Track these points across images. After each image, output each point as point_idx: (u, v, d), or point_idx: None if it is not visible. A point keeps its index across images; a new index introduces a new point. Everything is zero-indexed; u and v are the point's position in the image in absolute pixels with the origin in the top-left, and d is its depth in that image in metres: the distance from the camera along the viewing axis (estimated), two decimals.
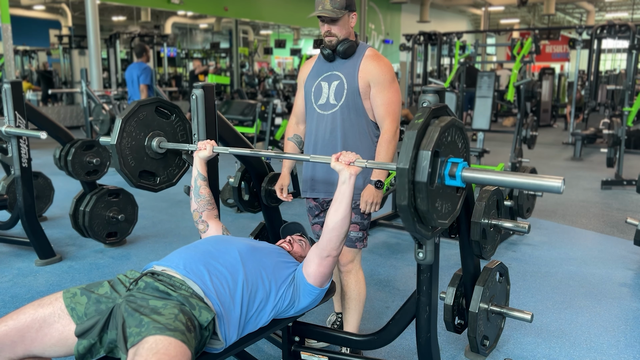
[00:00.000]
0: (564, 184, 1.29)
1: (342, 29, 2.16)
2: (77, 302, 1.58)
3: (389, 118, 2.17)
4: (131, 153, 2.14)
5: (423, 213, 1.40)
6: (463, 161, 1.43)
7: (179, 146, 2.20)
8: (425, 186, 1.36)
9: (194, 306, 1.57)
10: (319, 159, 1.83)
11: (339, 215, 1.75)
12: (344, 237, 1.79)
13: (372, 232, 4.35)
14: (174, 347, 1.40)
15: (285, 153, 2.04)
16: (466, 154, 1.54)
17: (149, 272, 1.69)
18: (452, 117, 1.47)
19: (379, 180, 2.16)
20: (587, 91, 8.79)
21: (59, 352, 1.56)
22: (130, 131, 2.12)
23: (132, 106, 2.14)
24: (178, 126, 2.31)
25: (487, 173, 1.41)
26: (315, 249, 1.84)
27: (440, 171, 1.41)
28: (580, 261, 3.73)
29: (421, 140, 1.39)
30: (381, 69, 2.16)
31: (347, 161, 1.72)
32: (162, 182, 2.28)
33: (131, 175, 2.14)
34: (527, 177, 1.35)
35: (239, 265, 1.76)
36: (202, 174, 2.09)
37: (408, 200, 1.37)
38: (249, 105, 7.32)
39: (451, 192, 1.51)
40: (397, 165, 1.37)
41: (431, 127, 1.42)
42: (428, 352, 1.92)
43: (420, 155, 1.37)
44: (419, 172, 1.36)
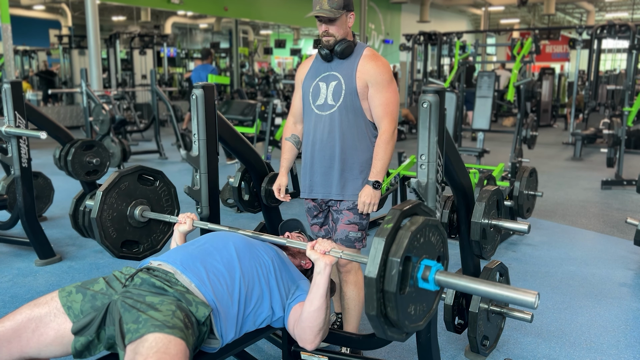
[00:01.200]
0: (538, 298, 1.21)
1: (339, 28, 2.16)
2: (72, 300, 1.58)
3: (387, 118, 2.17)
4: (112, 224, 2.09)
5: (394, 321, 1.32)
6: (437, 263, 1.35)
7: (161, 217, 2.17)
8: (394, 296, 1.28)
9: (190, 302, 1.57)
10: (294, 244, 1.78)
11: (313, 307, 1.68)
12: (318, 330, 1.71)
13: (372, 232, 4.35)
14: (173, 345, 1.40)
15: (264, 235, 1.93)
16: (443, 249, 1.45)
17: (145, 268, 1.69)
18: (426, 217, 1.38)
19: (377, 181, 2.16)
20: (587, 91, 8.79)
21: (55, 351, 1.56)
22: (111, 203, 2.08)
23: (113, 177, 2.09)
24: (162, 191, 2.27)
25: (462, 279, 1.31)
26: (295, 326, 1.76)
27: (413, 274, 1.33)
28: (580, 261, 3.73)
29: (390, 246, 1.30)
30: (379, 69, 2.16)
31: (322, 250, 1.67)
32: (145, 250, 2.24)
33: (113, 247, 2.10)
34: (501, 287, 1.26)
35: (235, 262, 1.75)
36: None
37: (377, 310, 1.29)
38: (249, 105, 7.32)
39: (426, 293, 1.41)
40: (365, 273, 1.29)
41: (402, 231, 1.33)
42: (428, 352, 1.92)
43: (389, 263, 1.29)
44: (388, 280, 1.28)
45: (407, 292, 1.33)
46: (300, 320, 1.72)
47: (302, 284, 1.87)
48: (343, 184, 2.23)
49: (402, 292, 1.31)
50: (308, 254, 1.70)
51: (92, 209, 2.05)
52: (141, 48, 12.78)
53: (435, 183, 1.85)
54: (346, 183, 2.23)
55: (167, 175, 2.33)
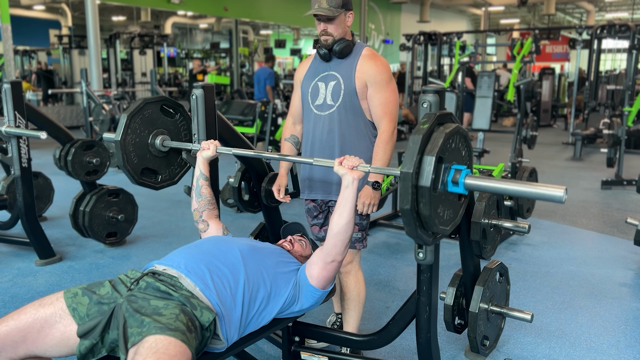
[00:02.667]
0: (566, 193, 1.28)
1: (338, 28, 2.15)
2: (78, 302, 1.58)
3: (387, 118, 2.17)
4: (134, 150, 2.13)
5: (425, 218, 1.39)
6: (466, 168, 1.43)
7: (182, 145, 2.21)
8: (428, 191, 1.35)
9: (195, 306, 1.57)
10: (322, 162, 1.82)
11: (343, 220, 1.74)
12: (348, 242, 1.78)
13: (372, 232, 4.35)
14: (173, 347, 1.40)
15: (286, 155, 2.04)
16: (469, 161, 1.54)
17: (150, 272, 1.69)
18: (457, 125, 1.47)
19: (377, 182, 2.15)
20: (587, 91, 8.79)
21: (61, 352, 1.56)
22: (134, 128, 2.12)
23: (138, 103, 2.13)
24: (182, 125, 2.31)
25: (491, 181, 1.40)
26: (319, 252, 1.84)
27: (444, 177, 1.41)
28: (580, 261, 3.73)
29: (426, 145, 1.38)
30: (378, 69, 2.15)
31: (350, 165, 1.71)
32: (163, 181, 2.28)
33: (133, 172, 2.14)
34: (530, 185, 1.35)
35: (240, 264, 1.76)
36: (205, 174, 2.09)
37: (411, 205, 1.36)
38: (249, 105, 7.32)
39: (453, 199, 1.50)
40: (401, 169, 1.36)
41: (436, 133, 1.41)
42: (428, 352, 1.92)
43: (425, 160, 1.36)
44: (423, 176, 1.36)
45: (438, 192, 1.41)
46: (330, 237, 1.77)
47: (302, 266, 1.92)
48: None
49: (435, 191, 1.38)
50: (336, 170, 1.74)
51: (117, 132, 2.08)
52: (141, 48, 12.78)
53: None
54: None
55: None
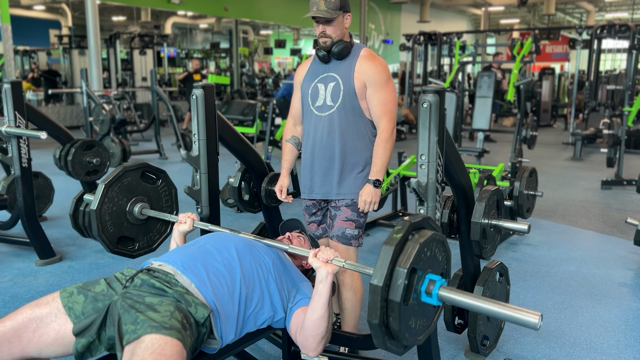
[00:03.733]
0: (541, 319, 1.21)
1: (336, 29, 2.16)
2: (74, 301, 1.58)
3: (386, 117, 2.17)
4: (111, 219, 2.09)
5: (395, 332, 1.33)
6: (441, 278, 1.36)
7: (160, 215, 2.17)
8: (398, 306, 1.28)
9: (189, 303, 1.57)
10: (296, 250, 1.78)
11: (316, 315, 1.66)
12: (321, 339, 1.69)
13: (372, 232, 4.35)
14: (170, 346, 1.40)
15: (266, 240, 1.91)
16: (446, 266, 1.46)
17: (145, 269, 1.69)
18: (433, 232, 1.39)
19: (378, 180, 2.16)
20: (587, 91, 8.79)
21: (56, 351, 1.56)
22: (112, 197, 2.07)
23: (117, 171, 2.08)
24: (163, 191, 2.27)
25: (465, 296, 1.32)
26: (297, 334, 1.76)
27: (417, 287, 1.34)
28: (580, 261, 3.73)
29: (398, 256, 1.31)
30: (376, 69, 2.16)
31: (324, 258, 1.65)
32: (140, 249, 2.23)
33: (109, 241, 2.10)
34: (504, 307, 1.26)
35: (236, 263, 1.75)
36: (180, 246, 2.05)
37: (380, 319, 1.29)
38: (249, 105, 7.32)
39: (427, 308, 1.42)
40: (371, 281, 1.29)
41: (410, 242, 1.34)
42: (428, 352, 1.92)
43: (396, 273, 1.29)
44: (394, 290, 1.29)
45: (410, 304, 1.33)
46: (302, 329, 1.71)
47: (302, 287, 1.86)
48: (343, 183, 2.24)
49: (406, 304, 1.31)
50: (310, 262, 1.68)
51: (93, 201, 2.04)
52: (141, 48, 12.78)
53: (435, 183, 1.85)
54: (346, 182, 2.24)
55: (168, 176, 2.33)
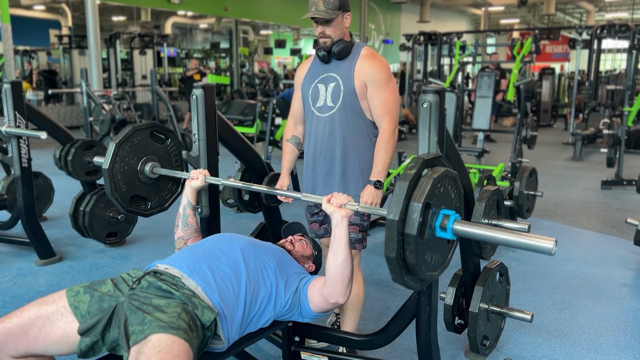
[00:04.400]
0: (555, 245, 1.23)
1: (336, 29, 2.15)
2: (80, 300, 1.58)
3: (387, 117, 2.16)
4: (123, 177, 2.11)
5: (411, 265, 1.37)
6: (455, 213, 1.39)
7: (172, 173, 2.19)
8: (414, 239, 1.32)
9: (196, 306, 1.57)
10: (310, 197, 1.81)
11: (339, 260, 1.71)
12: (348, 282, 1.74)
13: (372, 232, 4.35)
14: (177, 346, 1.40)
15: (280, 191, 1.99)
16: (459, 204, 1.50)
17: (152, 271, 1.70)
18: (446, 168, 1.43)
19: (379, 181, 2.16)
20: (587, 91, 8.79)
21: (62, 350, 1.57)
22: (123, 156, 2.10)
23: (127, 130, 2.11)
24: (173, 151, 2.29)
25: (480, 228, 1.36)
26: (322, 288, 1.80)
27: (431, 222, 1.37)
28: (580, 261, 3.73)
29: (412, 191, 1.35)
30: (377, 68, 2.15)
31: (338, 203, 1.69)
32: (153, 207, 2.26)
33: (122, 200, 2.12)
34: (519, 235, 1.29)
35: (241, 264, 1.76)
36: (192, 203, 2.09)
37: (397, 253, 1.33)
38: (249, 105, 7.33)
39: (441, 243, 1.47)
40: (387, 216, 1.33)
41: (424, 178, 1.38)
42: (428, 352, 1.92)
43: (411, 207, 1.33)
44: (409, 224, 1.32)
45: (425, 238, 1.37)
46: (328, 278, 1.74)
47: (306, 276, 1.90)
48: (345, 185, 2.23)
49: (421, 237, 1.35)
50: (324, 207, 1.72)
51: (104, 160, 2.07)
52: (141, 48, 12.78)
53: None
54: (348, 184, 2.23)
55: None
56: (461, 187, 1.50)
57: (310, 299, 1.83)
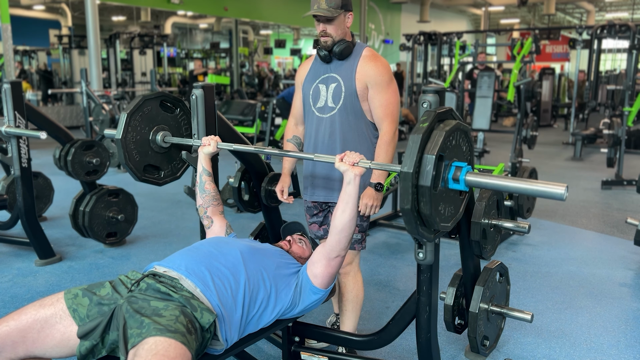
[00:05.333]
0: (567, 191, 1.28)
1: (337, 28, 2.13)
2: (79, 303, 1.58)
3: (388, 119, 2.16)
4: (136, 147, 2.15)
5: (426, 217, 1.39)
6: (467, 165, 1.43)
7: (183, 141, 2.21)
8: (428, 190, 1.35)
9: (195, 308, 1.57)
10: (323, 158, 1.83)
11: (347, 216, 1.75)
12: (351, 237, 1.80)
13: (372, 232, 4.34)
14: (173, 349, 1.40)
15: (288, 151, 2.04)
16: (470, 157, 1.54)
17: (151, 274, 1.69)
18: (457, 121, 1.46)
19: (379, 183, 2.15)
20: (587, 91, 8.79)
21: (60, 353, 1.56)
22: (135, 125, 2.13)
23: (137, 100, 2.14)
24: (182, 120, 2.32)
25: (491, 178, 1.40)
26: (321, 250, 1.84)
27: (444, 174, 1.41)
28: (580, 261, 3.73)
29: (425, 144, 1.38)
30: (378, 70, 2.14)
31: (351, 162, 1.71)
32: (166, 176, 2.29)
33: (136, 169, 2.16)
34: (531, 183, 1.34)
35: (241, 266, 1.76)
36: (207, 169, 2.12)
37: (411, 204, 1.36)
38: (249, 105, 7.33)
39: (454, 196, 1.50)
40: (401, 168, 1.36)
41: (436, 131, 1.41)
42: (428, 352, 1.92)
43: (425, 159, 1.36)
44: (423, 176, 1.35)
45: (439, 190, 1.40)
46: (334, 234, 1.78)
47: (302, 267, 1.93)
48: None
49: (435, 189, 1.38)
50: (337, 166, 1.74)
51: (117, 130, 2.09)
52: (141, 48, 12.78)
53: None
54: None
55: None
56: (472, 141, 1.53)
57: (313, 275, 1.85)
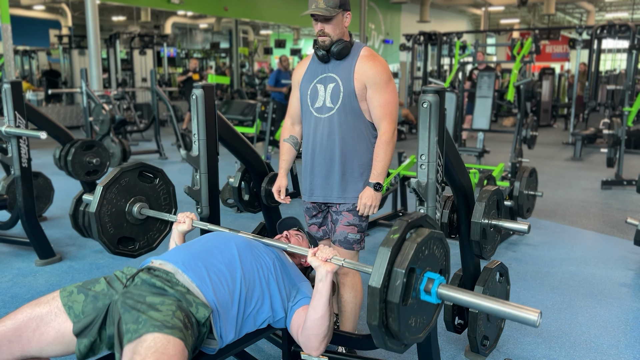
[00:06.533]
0: (540, 317, 1.21)
1: (336, 28, 2.12)
2: (74, 300, 1.58)
3: (387, 119, 2.14)
4: (110, 220, 2.09)
5: (394, 332, 1.33)
6: (440, 276, 1.36)
7: (159, 215, 2.18)
8: (397, 307, 1.29)
9: (190, 303, 1.57)
10: (296, 249, 1.78)
11: (317, 314, 1.67)
12: (323, 337, 1.70)
13: (372, 232, 4.35)
14: (172, 345, 1.40)
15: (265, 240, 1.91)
16: (446, 263, 1.46)
17: (146, 268, 1.69)
18: (431, 230, 1.39)
19: (378, 183, 2.14)
20: (587, 91, 8.79)
21: (56, 350, 1.56)
22: (110, 198, 2.08)
23: (115, 172, 2.09)
24: (161, 190, 2.27)
25: (465, 294, 1.32)
26: (299, 334, 1.76)
27: (416, 285, 1.34)
28: (580, 261, 3.73)
29: (395, 257, 1.31)
30: (377, 70, 2.13)
31: (324, 257, 1.65)
32: (141, 248, 2.24)
33: (109, 242, 2.10)
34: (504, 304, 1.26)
35: (237, 261, 1.75)
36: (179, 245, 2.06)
37: (379, 320, 1.30)
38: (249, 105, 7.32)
39: (426, 306, 1.42)
40: (370, 283, 1.30)
41: (407, 242, 1.34)
42: (428, 352, 1.92)
43: (394, 274, 1.29)
44: (392, 291, 1.29)
45: (409, 303, 1.33)
46: (304, 328, 1.72)
47: (302, 287, 1.87)
48: (344, 187, 2.22)
49: (405, 304, 1.31)
50: (309, 261, 1.68)
51: (91, 203, 2.04)
52: (141, 48, 12.78)
53: (435, 183, 1.85)
54: (347, 186, 2.22)
55: (167, 175, 2.33)
56: (447, 246, 1.44)
57: (291, 325, 1.80)
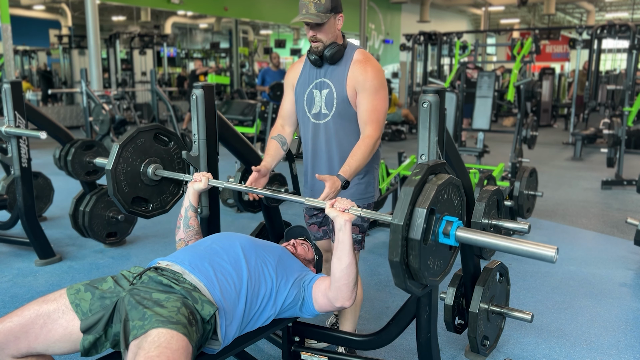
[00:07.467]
0: (557, 253, 1.25)
1: (328, 33, 2.08)
2: (81, 298, 1.59)
3: (372, 125, 2.07)
4: (126, 179, 2.12)
5: (415, 270, 1.38)
6: (458, 220, 1.41)
7: (174, 175, 2.20)
8: (418, 244, 1.34)
9: (196, 300, 1.58)
10: (313, 202, 1.80)
11: (343, 264, 1.71)
12: (353, 285, 1.74)
13: (372, 232, 4.34)
14: (176, 341, 1.41)
15: (280, 194, 1.93)
16: (462, 211, 1.52)
17: (153, 267, 1.71)
18: (450, 176, 1.45)
19: (347, 182, 2.01)
20: (587, 91, 8.79)
21: (63, 348, 1.57)
22: (127, 157, 2.10)
23: (131, 132, 2.12)
24: (175, 153, 2.30)
25: (482, 235, 1.37)
26: (328, 291, 1.80)
27: (435, 228, 1.39)
28: (580, 261, 3.73)
29: (417, 197, 1.37)
30: (368, 75, 2.08)
31: (341, 208, 1.69)
32: (154, 209, 2.26)
33: (124, 201, 2.13)
34: (521, 243, 1.31)
35: (242, 261, 1.77)
36: (194, 205, 2.09)
37: (400, 257, 1.36)
38: (249, 105, 7.32)
39: (444, 250, 1.48)
40: (392, 221, 1.35)
41: (428, 184, 1.40)
42: (428, 352, 1.92)
43: (416, 213, 1.35)
44: (413, 229, 1.35)
45: (429, 244, 1.39)
46: (333, 282, 1.75)
47: (310, 273, 1.91)
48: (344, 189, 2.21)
49: (425, 243, 1.36)
50: (327, 212, 1.72)
51: (108, 161, 2.07)
52: (141, 48, 12.79)
53: None
54: (347, 188, 2.21)
55: None
56: (464, 195, 1.51)
57: (315, 298, 1.83)
